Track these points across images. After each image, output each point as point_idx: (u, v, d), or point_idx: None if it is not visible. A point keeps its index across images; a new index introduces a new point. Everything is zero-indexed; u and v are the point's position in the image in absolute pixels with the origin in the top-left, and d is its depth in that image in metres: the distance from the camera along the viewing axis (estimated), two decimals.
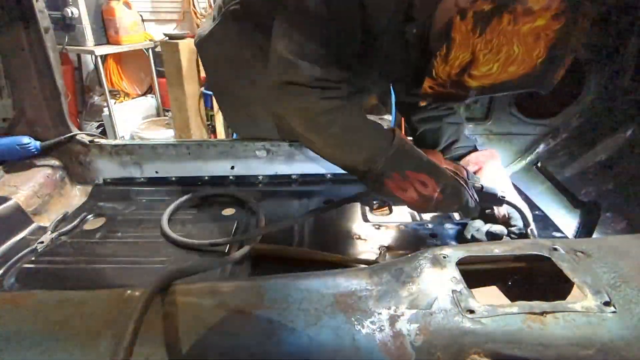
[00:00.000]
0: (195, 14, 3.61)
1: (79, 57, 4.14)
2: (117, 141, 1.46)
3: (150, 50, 3.99)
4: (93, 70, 4.20)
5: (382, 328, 0.59)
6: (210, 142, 1.42)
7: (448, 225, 1.20)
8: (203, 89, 3.64)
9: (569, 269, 0.67)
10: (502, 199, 1.05)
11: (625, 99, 1.20)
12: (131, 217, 1.30)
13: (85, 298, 0.66)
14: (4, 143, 1.34)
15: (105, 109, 3.84)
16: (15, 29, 1.25)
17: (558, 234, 1.15)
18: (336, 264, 1.02)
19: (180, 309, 0.62)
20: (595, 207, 0.92)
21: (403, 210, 1.30)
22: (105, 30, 3.64)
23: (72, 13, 3.35)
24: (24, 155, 1.35)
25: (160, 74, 4.00)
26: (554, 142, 1.39)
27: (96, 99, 4.31)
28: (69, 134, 1.40)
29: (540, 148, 1.43)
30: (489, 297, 0.67)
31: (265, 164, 1.44)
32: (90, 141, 1.42)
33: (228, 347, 0.58)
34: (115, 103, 4.03)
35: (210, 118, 3.78)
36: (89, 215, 1.30)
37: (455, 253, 0.72)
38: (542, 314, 0.59)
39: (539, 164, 1.37)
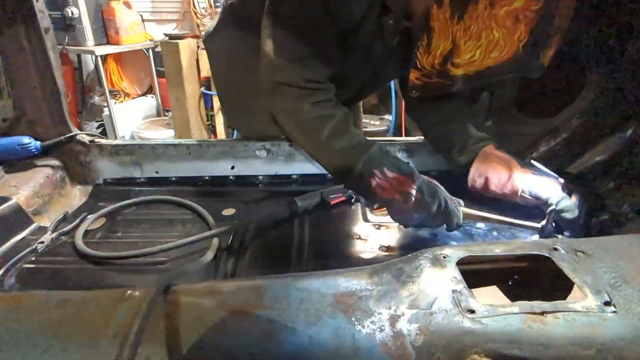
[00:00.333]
0: (196, 14, 3.61)
1: (79, 57, 4.14)
2: (117, 141, 1.46)
3: (150, 50, 3.99)
4: (93, 70, 4.20)
5: (383, 328, 0.59)
6: (210, 142, 1.42)
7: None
8: (203, 89, 3.64)
9: (569, 268, 0.67)
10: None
11: (625, 99, 1.20)
12: (131, 218, 1.30)
13: (85, 298, 0.66)
14: (4, 143, 1.34)
15: (106, 109, 3.84)
16: (15, 29, 1.25)
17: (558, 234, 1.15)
18: None
19: (181, 309, 0.62)
20: (591, 205, 0.92)
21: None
22: (105, 30, 3.64)
23: (72, 13, 3.35)
24: (24, 155, 1.35)
25: (160, 74, 4.00)
26: (554, 142, 1.39)
27: (96, 99, 4.31)
28: (69, 134, 1.39)
29: (540, 148, 1.42)
30: (489, 297, 0.67)
31: (265, 164, 1.44)
32: (90, 141, 1.42)
33: (228, 347, 0.58)
34: (115, 103, 4.03)
35: (210, 118, 3.78)
36: (90, 216, 1.30)
37: (456, 253, 0.72)
38: (543, 313, 0.59)
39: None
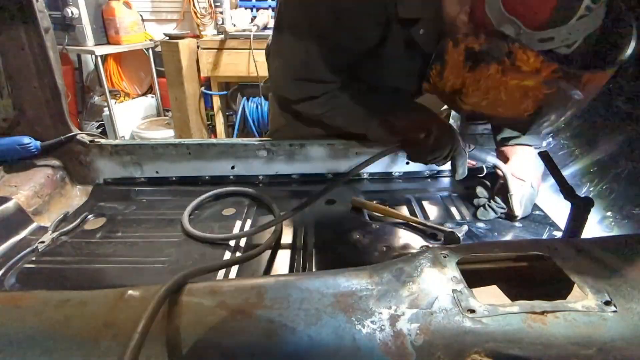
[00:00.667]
0: (196, 13, 3.60)
1: (79, 57, 4.13)
2: (118, 141, 1.45)
3: (150, 50, 3.99)
4: (93, 70, 4.20)
5: (383, 328, 0.59)
6: (211, 142, 1.41)
7: (449, 225, 1.20)
8: (203, 88, 3.64)
9: (569, 268, 0.67)
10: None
11: (625, 98, 1.20)
12: (131, 217, 1.30)
13: (86, 298, 0.66)
14: (4, 143, 1.34)
15: (106, 109, 3.84)
16: (15, 29, 1.25)
17: (558, 234, 1.15)
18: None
19: (181, 309, 0.62)
20: (586, 202, 0.91)
21: (404, 210, 1.30)
22: (105, 30, 3.64)
23: (72, 13, 3.35)
24: (24, 155, 1.35)
25: (160, 74, 4.00)
26: (554, 142, 1.39)
27: (96, 98, 4.30)
28: (69, 134, 1.39)
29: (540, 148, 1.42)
30: (489, 297, 0.67)
31: (265, 163, 1.44)
32: (90, 141, 1.42)
33: (228, 347, 0.58)
34: (115, 103, 4.03)
35: (210, 118, 3.78)
36: (90, 215, 1.30)
37: (456, 253, 0.72)
38: (543, 313, 0.59)
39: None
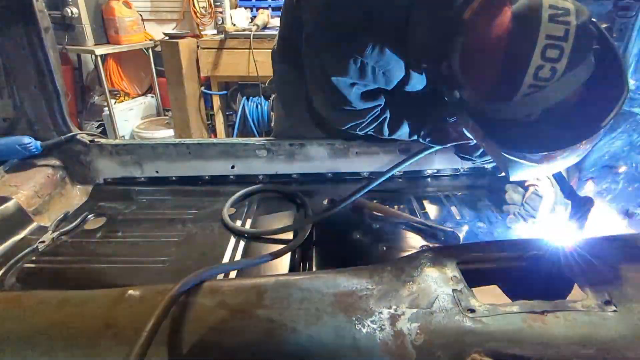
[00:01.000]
0: (195, 13, 3.59)
1: (79, 57, 4.13)
2: (118, 141, 1.45)
3: (150, 50, 3.99)
4: (93, 70, 4.19)
5: (383, 327, 0.59)
6: (211, 142, 1.41)
7: (449, 224, 1.20)
8: (203, 88, 3.63)
9: (569, 268, 0.67)
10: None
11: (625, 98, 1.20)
12: (132, 217, 1.30)
13: (86, 298, 0.66)
14: (4, 143, 1.34)
15: (106, 109, 3.83)
16: (15, 28, 1.25)
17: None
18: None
19: (182, 308, 0.62)
20: (587, 202, 0.91)
21: (404, 209, 1.30)
22: (105, 29, 3.63)
23: (72, 13, 3.34)
24: (25, 155, 1.35)
25: (160, 74, 3.99)
26: None
27: (96, 98, 4.30)
28: (70, 134, 1.39)
29: None
30: (489, 297, 0.67)
31: (265, 163, 1.44)
32: (90, 141, 1.41)
33: (229, 347, 0.58)
34: (115, 103, 4.02)
35: (210, 118, 3.78)
36: (90, 215, 1.30)
37: (456, 252, 0.72)
38: (543, 313, 0.59)
39: None
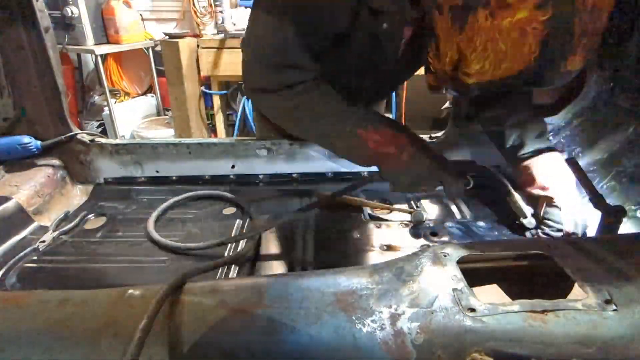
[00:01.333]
0: (195, 13, 3.59)
1: (79, 57, 4.13)
2: (118, 140, 1.45)
3: (150, 50, 3.99)
4: (93, 70, 4.20)
5: (383, 327, 0.59)
6: (211, 142, 1.41)
7: (449, 223, 1.20)
8: (203, 88, 3.64)
9: (569, 267, 0.67)
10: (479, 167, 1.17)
11: (626, 97, 1.20)
12: (132, 217, 1.30)
13: (86, 297, 0.66)
14: (4, 143, 1.34)
15: (106, 109, 3.84)
16: (15, 28, 1.25)
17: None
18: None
19: (181, 308, 0.62)
20: (618, 211, 0.89)
21: (404, 209, 1.30)
22: (105, 29, 3.64)
23: (72, 12, 3.35)
24: (25, 154, 1.35)
25: (160, 73, 4.00)
26: (555, 141, 1.39)
27: (96, 98, 4.30)
28: (70, 134, 1.39)
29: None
30: (489, 296, 0.67)
31: (266, 163, 1.44)
32: (90, 140, 1.42)
33: (229, 346, 0.58)
34: (115, 102, 4.02)
35: (211, 117, 3.78)
36: (90, 215, 1.30)
37: (456, 252, 0.72)
38: (543, 312, 0.59)
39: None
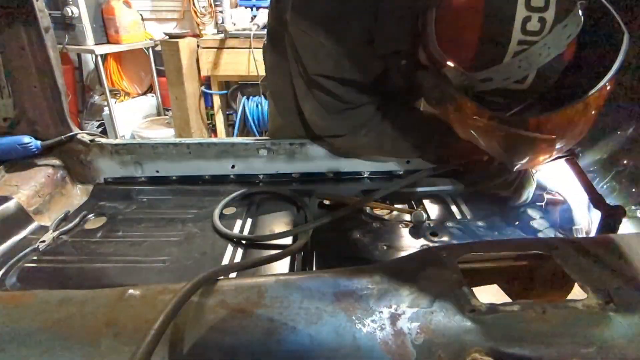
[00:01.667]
0: (195, 12, 3.59)
1: (79, 57, 4.13)
2: (118, 140, 1.45)
3: (150, 50, 3.99)
4: (93, 70, 4.19)
5: (383, 327, 0.59)
6: (211, 142, 1.41)
7: (449, 223, 1.20)
8: (203, 88, 3.63)
9: (570, 267, 0.67)
10: None
11: (626, 97, 1.20)
12: (132, 217, 1.30)
13: (86, 297, 0.66)
14: (4, 142, 1.34)
15: (106, 108, 3.84)
16: (15, 28, 1.25)
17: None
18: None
19: (182, 308, 0.62)
20: (617, 211, 0.91)
21: (404, 208, 1.30)
22: (105, 29, 3.64)
23: (72, 12, 3.34)
24: (25, 154, 1.35)
25: (160, 73, 4.00)
26: None
27: (96, 98, 4.30)
28: (70, 134, 1.39)
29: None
30: (490, 296, 0.67)
31: (266, 162, 1.44)
32: (90, 140, 1.42)
33: (229, 346, 0.58)
34: (115, 102, 4.02)
35: (211, 117, 3.78)
36: (90, 215, 1.30)
37: (456, 252, 0.72)
38: (543, 312, 0.59)
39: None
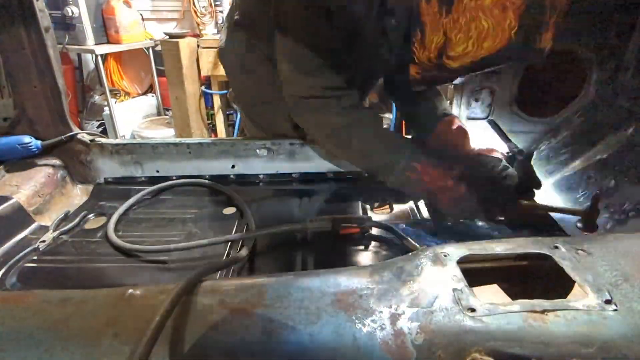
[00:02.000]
0: (195, 12, 3.60)
1: (79, 57, 4.13)
2: (118, 140, 1.45)
3: (150, 49, 3.99)
4: (93, 70, 4.20)
5: (383, 327, 0.59)
6: (211, 141, 1.41)
7: (449, 223, 1.20)
8: (203, 87, 3.64)
9: (570, 267, 0.67)
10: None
11: (626, 97, 1.20)
12: (132, 217, 1.30)
13: (87, 297, 0.66)
14: (5, 142, 1.34)
15: (106, 108, 3.84)
16: (15, 28, 1.25)
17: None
18: None
19: (182, 307, 0.62)
20: (523, 153, 0.95)
21: (404, 208, 1.30)
22: (105, 29, 3.64)
23: (72, 12, 3.35)
24: (25, 154, 1.35)
25: (160, 73, 4.00)
26: (555, 141, 1.39)
27: (97, 98, 4.30)
28: (70, 133, 1.40)
29: (542, 146, 1.42)
30: (490, 296, 0.67)
31: (266, 162, 1.44)
32: (91, 140, 1.42)
33: (229, 346, 0.58)
34: (115, 102, 4.02)
35: (211, 117, 3.78)
36: (90, 215, 1.30)
37: (456, 251, 0.72)
38: (543, 312, 0.59)
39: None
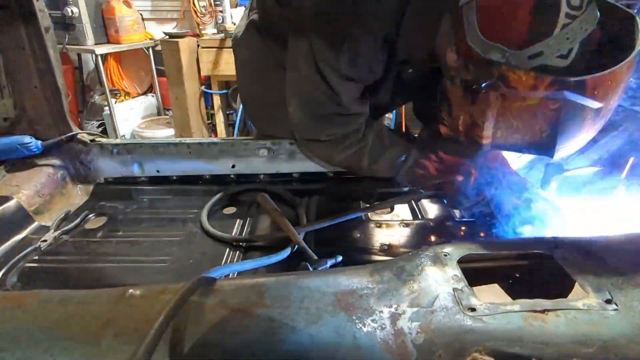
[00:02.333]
0: (196, 12, 3.59)
1: (79, 57, 4.13)
2: (118, 140, 1.45)
3: (150, 49, 3.99)
4: (93, 70, 4.19)
5: (384, 326, 0.59)
6: (211, 141, 1.41)
7: (449, 223, 1.20)
8: (203, 87, 3.63)
9: (570, 267, 0.67)
10: None
11: (626, 97, 1.20)
12: (132, 216, 1.30)
13: (87, 297, 0.66)
14: (5, 142, 1.34)
15: (106, 108, 3.84)
16: (15, 28, 1.25)
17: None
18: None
19: (182, 308, 0.62)
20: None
21: (404, 208, 1.30)
22: (105, 29, 3.64)
23: (72, 12, 3.34)
24: (25, 154, 1.35)
25: (160, 73, 3.99)
26: None
27: (97, 98, 4.30)
28: (70, 133, 1.39)
29: None
30: (490, 295, 0.67)
31: (266, 162, 1.44)
32: (91, 140, 1.42)
33: (229, 346, 0.58)
34: (115, 102, 4.02)
35: (211, 117, 3.78)
36: (91, 214, 1.30)
37: (457, 251, 0.72)
38: (544, 312, 0.59)
39: None
